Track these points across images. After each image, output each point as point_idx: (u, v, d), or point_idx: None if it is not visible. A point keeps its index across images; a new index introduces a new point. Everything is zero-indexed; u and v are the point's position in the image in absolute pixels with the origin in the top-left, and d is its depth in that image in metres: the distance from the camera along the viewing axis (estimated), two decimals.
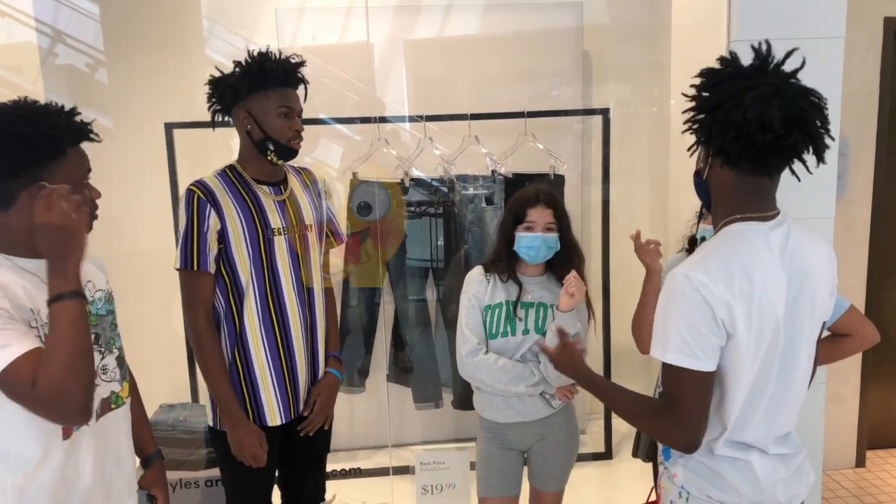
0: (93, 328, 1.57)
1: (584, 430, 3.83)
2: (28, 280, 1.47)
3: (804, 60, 1.40)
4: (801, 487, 1.54)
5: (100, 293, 1.65)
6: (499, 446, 2.25)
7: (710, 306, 1.34)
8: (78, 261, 1.41)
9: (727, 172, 1.42)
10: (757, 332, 1.38)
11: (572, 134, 3.65)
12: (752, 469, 1.45)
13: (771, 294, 1.38)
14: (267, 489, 2.18)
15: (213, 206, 1.97)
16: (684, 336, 1.35)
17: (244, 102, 1.99)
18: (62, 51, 3.34)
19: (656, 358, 1.41)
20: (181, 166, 3.19)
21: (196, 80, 3.54)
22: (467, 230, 3.35)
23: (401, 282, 3.45)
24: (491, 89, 3.62)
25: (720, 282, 1.34)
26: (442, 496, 3.03)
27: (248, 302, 2.02)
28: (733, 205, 1.44)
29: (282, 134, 1.99)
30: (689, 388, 1.37)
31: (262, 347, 2.04)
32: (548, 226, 2.14)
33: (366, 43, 3.45)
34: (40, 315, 1.44)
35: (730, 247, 1.39)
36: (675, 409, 1.39)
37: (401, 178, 3.30)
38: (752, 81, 1.34)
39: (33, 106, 1.47)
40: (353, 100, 3.45)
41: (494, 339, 2.17)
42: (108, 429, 1.60)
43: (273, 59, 1.97)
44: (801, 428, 1.56)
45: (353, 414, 3.66)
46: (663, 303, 1.40)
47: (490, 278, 2.22)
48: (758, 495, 1.46)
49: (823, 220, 2.43)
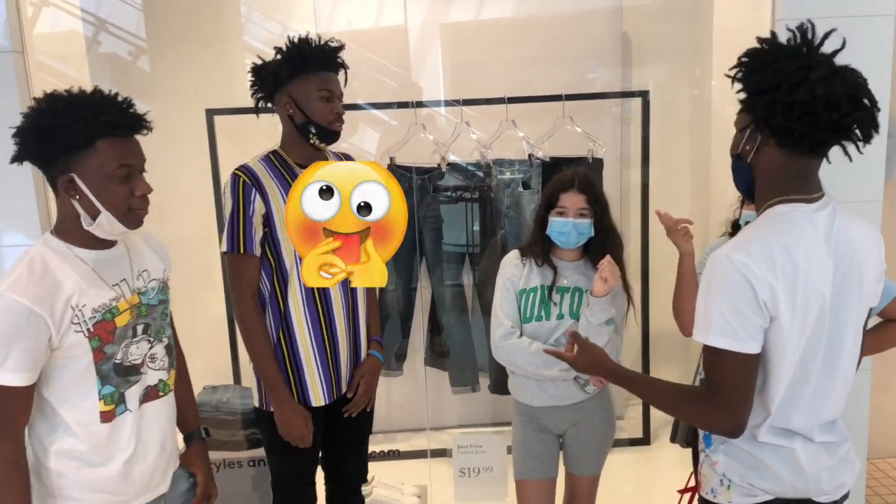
0: (143, 318, 1.62)
1: (621, 415, 3.81)
2: (81, 272, 1.52)
3: (844, 41, 1.37)
4: (847, 476, 1.51)
5: (154, 283, 1.68)
6: (535, 429, 2.25)
7: (753, 287, 1.32)
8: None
9: (777, 154, 1.39)
10: (801, 314, 1.36)
11: (611, 117, 3.60)
12: (796, 457, 1.42)
13: (815, 276, 1.36)
14: (311, 469, 2.22)
15: (258, 189, 1.99)
16: (727, 318, 1.33)
17: (285, 87, 2.01)
18: (105, 39, 3.41)
19: (698, 341, 1.39)
20: (222, 152, 3.24)
21: (235, 66, 3.61)
22: (504, 215, 3.34)
23: (437, 267, 3.46)
24: (528, 72, 3.59)
25: (762, 263, 1.32)
26: (479, 479, 3.05)
27: (293, 284, 2.05)
28: (779, 187, 1.41)
29: (323, 117, 2.01)
30: (732, 370, 1.36)
31: (306, 329, 2.07)
32: (580, 211, 2.12)
33: (402, 27, 3.45)
34: (83, 312, 1.49)
35: (772, 228, 1.37)
36: (718, 394, 1.37)
37: (437, 163, 3.30)
38: (809, 60, 1.32)
39: (69, 98, 1.49)
40: (390, 85, 3.46)
41: (529, 323, 2.17)
42: (151, 415, 1.65)
43: (312, 44, 2.00)
44: (847, 415, 1.53)
45: (390, 397, 3.70)
46: (705, 285, 1.38)
47: (526, 262, 2.21)
48: (802, 484, 1.44)
49: (871, 204, 2.36)
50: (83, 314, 1.49)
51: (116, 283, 1.58)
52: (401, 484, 3.09)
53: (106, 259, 1.58)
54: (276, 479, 2.22)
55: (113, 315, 1.54)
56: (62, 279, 1.47)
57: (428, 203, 3.37)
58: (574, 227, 2.12)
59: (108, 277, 1.56)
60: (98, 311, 1.52)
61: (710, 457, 1.53)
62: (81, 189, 1.48)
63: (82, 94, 1.50)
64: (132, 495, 1.61)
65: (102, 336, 1.52)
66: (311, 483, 2.23)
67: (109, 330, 1.54)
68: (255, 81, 2.06)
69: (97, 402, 1.54)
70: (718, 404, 1.37)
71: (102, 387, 1.54)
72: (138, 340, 1.61)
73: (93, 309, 1.51)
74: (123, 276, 1.60)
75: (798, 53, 1.34)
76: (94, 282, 1.52)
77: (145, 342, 1.62)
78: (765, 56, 1.37)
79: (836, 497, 1.50)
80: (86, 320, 1.49)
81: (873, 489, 3.41)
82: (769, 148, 1.40)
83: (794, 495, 1.45)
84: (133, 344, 1.59)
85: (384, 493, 2.99)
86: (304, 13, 3.46)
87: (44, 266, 1.47)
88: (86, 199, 1.49)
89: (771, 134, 1.38)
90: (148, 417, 1.63)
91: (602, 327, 2.07)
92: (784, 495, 1.45)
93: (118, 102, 1.53)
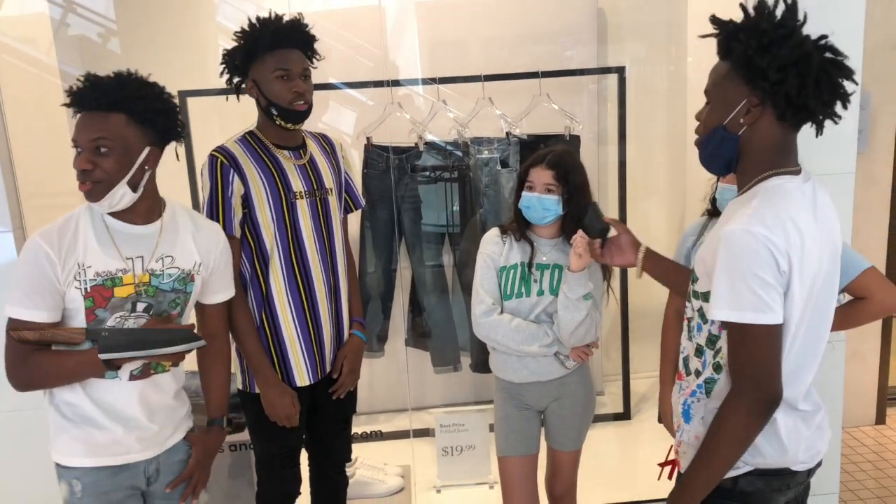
0: (147, 298, 1.69)
1: (602, 391, 3.85)
2: (100, 237, 1.65)
3: (805, 15, 1.37)
4: (822, 444, 1.54)
5: (174, 270, 1.73)
6: (515, 406, 2.27)
7: (775, 258, 1.32)
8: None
9: (776, 127, 1.40)
10: (806, 285, 1.38)
11: (587, 94, 3.60)
12: (776, 428, 1.44)
13: (812, 247, 1.38)
14: (296, 450, 2.23)
15: (236, 170, 1.98)
16: (757, 292, 1.32)
17: (250, 72, 2.00)
18: (74, 21, 3.33)
19: (723, 319, 1.37)
20: (196, 134, 3.20)
21: (208, 47, 3.54)
22: (483, 194, 3.33)
23: (417, 247, 3.45)
24: (504, 50, 3.57)
25: (780, 233, 1.33)
26: (462, 457, 3.07)
27: (274, 265, 2.04)
28: (772, 160, 1.42)
29: (282, 97, 1.98)
30: (763, 344, 1.35)
31: (288, 310, 2.07)
32: (547, 187, 2.11)
33: (378, 6, 3.41)
34: (86, 271, 1.62)
35: (777, 200, 1.37)
36: (751, 373, 1.35)
37: (414, 143, 3.29)
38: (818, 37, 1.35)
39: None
40: (366, 64, 3.42)
41: (509, 300, 2.18)
42: (143, 391, 1.72)
43: (268, 23, 1.96)
44: (822, 385, 1.56)
45: (373, 378, 3.71)
46: (725, 262, 1.36)
47: (506, 240, 2.22)
48: (780, 455, 1.46)
49: (844, 176, 2.39)
50: (85, 274, 1.62)
51: (130, 257, 1.67)
52: (384, 464, 3.10)
53: (133, 233, 1.69)
54: (260, 460, 2.22)
55: (114, 284, 1.65)
56: (82, 238, 1.63)
57: (406, 183, 3.36)
58: (539, 202, 2.11)
59: (126, 250, 1.67)
60: (100, 276, 1.63)
61: (690, 431, 1.54)
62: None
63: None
64: (115, 450, 1.71)
65: (97, 299, 1.63)
66: (295, 464, 2.24)
67: (105, 296, 1.64)
68: (224, 70, 2.05)
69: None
70: (752, 383, 1.36)
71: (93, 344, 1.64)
72: (136, 316, 1.68)
73: (96, 272, 1.63)
74: (142, 253, 1.69)
75: (797, 28, 1.35)
76: (109, 249, 1.65)
77: (144, 320, 1.69)
78: (779, 29, 1.35)
79: (812, 465, 1.53)
80: (86, 280, 1.62)
81: (848, 457, 3.49)
82: (768, 121, 1.40)
83: (774, 466, 1.47)
84: (130, 318, 1.67)
85: (367, 474, 3.01)
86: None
87: (75, 224, 1.65)
88: None
89: (776, 107, 1.37)
90: (136, 392, 1.71)
91: (580, 301, 2.08)
92: (763, 466, 1.47)
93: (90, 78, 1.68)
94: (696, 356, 1.52)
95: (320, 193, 2.10)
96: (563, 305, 2.09)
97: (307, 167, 2.10)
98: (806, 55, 1.33)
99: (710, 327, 1.46)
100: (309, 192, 2.07)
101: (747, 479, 1.47)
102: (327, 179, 2.13)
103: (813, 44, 1.34)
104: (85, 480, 1.69)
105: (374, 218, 3.39)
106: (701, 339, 1.50)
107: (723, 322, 1.41)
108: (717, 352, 1.46)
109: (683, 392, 1.55)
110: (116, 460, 1.71)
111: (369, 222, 3.41)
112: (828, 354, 1.51)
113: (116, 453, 1.71)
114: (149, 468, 1.77)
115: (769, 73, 1.35)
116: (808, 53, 1.33)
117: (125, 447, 1.72)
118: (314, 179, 2.10)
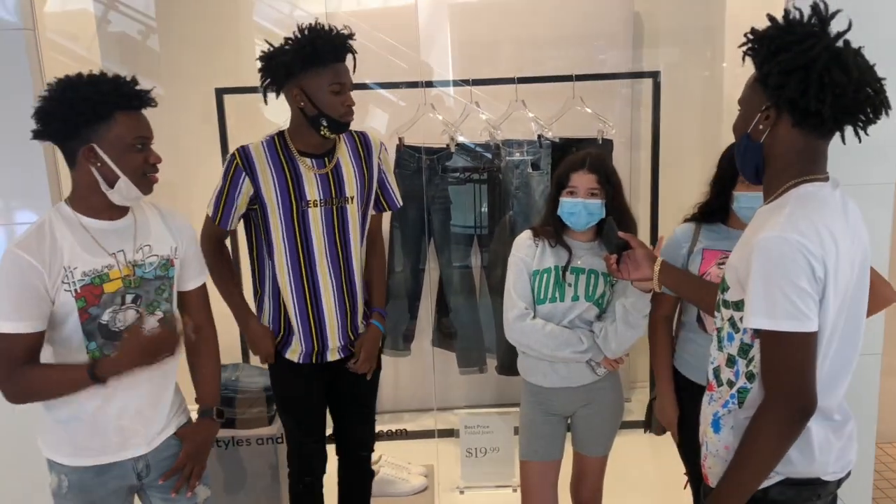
0: (134, 289, 1.73)
1: (628, 398, 3.82)
2: (80, 238, 1.66)
3: (850, 22, 1.36)
4: (852, 454, 1.53)
5: (154, 258, 1.77)
6: (542, 412, 2.26)
7: (811, 265, 1.31)
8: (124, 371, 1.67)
9: (796, 134, 1.39)
10: (839, 293, 1.36)
11: (621, 98, 3.58)
12: (809, 438, 1.42)
13: (846, 255, 1.36)
14: (315, 424, 2.32)
15: (249, 173, 2.10)
16: (793, 299, 1.31)
17: (296, 79, 2.02)
18: (115, 18, 3.40)
19: (759, 327, 1.36)
20: (232, 131, 3.24)
21: (244, 45, 3.59)
22: (513, 196, 3.33)
23: (445, 248, 3.46)
24: (537, 53, 3.56)
25: (815, 240, 1.32)
26: (486, 459, 3.07)
27: (281, 266, 2.15)
28: (797, 167, 1.41)
29: (335, 109, 2.04)
30: (799, 352, 1.34)
31: (292, 304, 2.18)
32: (591, 191, 2.10)
33: (412, 7, 3.43)
34: (73, 273, 1.64)
35: (811, 207, 1.36)
36: (786, 382, 1.34)
37: (446, 144, 3.29)
38: (829, 40, 1.32)
39: (88, 77, 1.64)
40: (399, 65, 3.44)
41: (542, 305, 2.16)
42: (140, 379, 1.74)
43: (324, 35, 2.00)
44: (856, 400, 1.53)
45: (398, 377, 3.72)
46: (760, 269, 1.34)
47: (539, 243, 2.20)
48: (811, 465, 1.44)
49: (883, 186, 2.35)
50: (73, 276, 1.64)
51: (113, 252, 1.70)
52: (408, 463, 3.12)
53: (110, 229, 1.71)
54: (286, 431, 2.40)
55: (102, 281, 1.68)
56: (62, 242, 1.64)
57: (436, 184, 3.37)
58: (584, 207, 2.10)
59: (106, 245, 1.70)
60: (87, 275, 1.66)
61: (720, 442, 1.51)
62: (102, 157, 1.63)
63: (96, 74, 1.66)
64: (99, 450, 1.73)
65: (88, 298, 1.66)
66: (319, 439, 2.33)
67: (96, 294, 1.67)
68: (264, 71, 2.06)
69: (86, 356, 1.69)
70: (787, 392, 1.34)
71: (88, 342, 1.69)
72: (125, 309, 1.72)
73: (83, 272, 1.65)
74: (122, 247, 1.72)
75: (817, 33, 1.33)
76: (91, 248, 1.67)
77: (133, 311, 1.73)
78: (787, 35, 1.35)
79: (842, 475, 1.51)
80: (74, 281, 1.64)
81: (881, 473, 3.42)
82: (785, 128, 1.40)
83: (804, 475, 1.45)
84: (121, 311, 1.71)
85: (391, 472, 3.02)
86: None
87: (50, 229, 1.64)
88: (105, 166, 1.64)
89: (791, 114, 1.37)
90: (129, 381, 1.71)
91: (644, 319, 2.07)
92: (794, 475, 1.45)
93: (128, 80, 1.68)
94: (728, 366, 1.49)
95: (338, 202, 2.15)
96: (622, 320, 2.07)
97: (329, 175, 2.14)
98: (811, 60, 1.31)
99: (742, 336, 1.44)
100: (325, 200, 2.13)
101: (778, 488, 1.45)
102: (349, 187, 2.17)
103: (824, 48, 1.32)
104: (71, 478, 1.73)
105: (404, 218, 3.40)
106: (733, 349, 1.48)
107: (756, 330, 1.39)
108: (749, 361, 1.44)
109: (715, 403, 1.53)
110: (100, 460, 1.73)
111: (399, 222, 3.43)
112: (862, 368, 1.49)
113: (102, 452, 1.73)
114: (137, 465, 1.79)
115: (770, 78, 1.36)
116: (813, 58, 1.31)
117: (111, 445, 1.74)
118: (334, 188, 2.14)
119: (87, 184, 1.66)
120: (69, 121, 1.60)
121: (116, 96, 1.63)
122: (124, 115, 1.64)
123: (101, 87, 1.62)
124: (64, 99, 1.59)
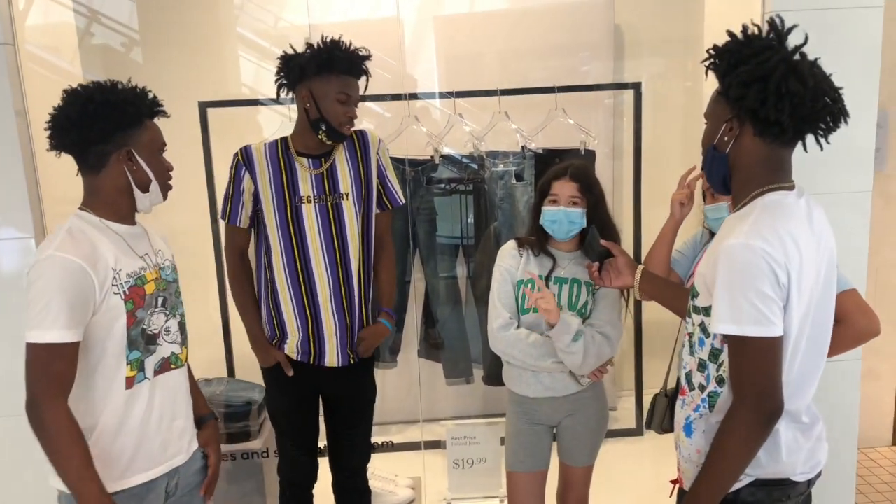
0: (161, 292, 1.72)
1: (614, 406, 3.83)
2: (113, 240, 1.63)
3: (807, 36, 1.42)
4: (822, 454, 1.56)
5: (168, 262, 1.79)
6: (527, 422, 2.27)
7: (774, 272, 1.34)
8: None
9: (759, 144, 1.43)
10: (805, 299, 1.40)
11: (603, 109, 3.61)
12: (777, 441, 1.45)
13: (809, 262, 1.40)
14: (305, 434, 2.32)
15: (248, 169, 2.18)
16: (757, 305, 1.34)
17: (308, 82, 2.11)
18: (97, 30, 3.39)
19: (724, 332, 1.39)
20: (215, 145, 3.23)
21: (228, 58, 3.59)
22: (497, 207, 3.34)
23: (431, 259, 3.47)
24: (521, 65, 3.59)
25: (778, 248, 1.35)
26: (473, 470, 3.07)
27: (277, 262, 2.19)
28: (764, 177, 1.45)
29: (336, 117, 2.12)
30: (764, 356, 1.37)
31: (290, 301, 2.21)
32: (572, 199, 2.12)
33: (396, 19, 3.44)
34: (119, 275, 1.59)
35: (775, 215, 1.39)
36: (753, 384, 1.37)
37: (430, 155, 3.30)
38: (786, 52, 1.37)
39: (112, 83, 1.66)
40: (383, 76, 3.45)
41: (526, 315, 2.17)
42: (166, 386, 1.72)
43: (343, 48, 2.11)
44: (837, 405, 1.56)
45: (384, 389, 3.69)
46: (725, 276, 1.38)
47: (523, 253, 2.22)
48: (779, 466, 1.47)
49: (860, 195, 2.38)
50: (120, 277, 1.60)
51: (142, 255, 1.70)
52: (395, 475, 3.10)
53: (133, 233, 1.71)
54: (277, 439, 2.39)
55: (143, 282, 1.66)
56: (99, 245, 1.59)
57: (421, 195, 3.37)
58: (566, 216, 2.12)
59: (137, 249, 1.69)
60: (132, 277, 1.63)
61: (691, 446, 1.54)
62: (138, 161, 1.65)
63: (117, 83, 1.68)
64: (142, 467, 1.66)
65: (135, 300, 1.63)
66: (310, 451, 2.34)
67: (141, 295, 1.64)
68: (280, 69, 2.16)
69: (125, 368, 1.62)
70: (754, 395, 1.37)
71: (130, 352, 1.63)
72: (158, 312, 1.70)
73: (127, 274, 1.62)
74: (146, 250, 1.73)
75: (775, 46, 1.38)
76: (126, 251, 1.65)
77: (162, 314, 1.71)
78: (745, 49, 1.40)
79: (812, 475, 1.55)
80: (122, 283, 1.60)
81: (863, 478, 3.45)
82: (748, 138, 1.44)
83: (773, 476, 1.48)
84: (155, 314, 1.69)
85: (378, 485, 3.01)
86: (298, 4, 3.45)
87: (82, 233, 1.59)
88: (141, 170, 1.66)
89: (753, 124, 1.41)
90: (161, 388, 1.70)
91: (572, 345, 2.07)
92: (763, 476, 1.48)
93: (145, 90, 1.72)
94: (699, 371, 1.52)
95: (332, 199, 2.20)
96: (560, 352, 2.09)
97: (323, 174, 2.20)
98: (768, 71, 1.35)
99: (712, 341, 1.47)
100: (319, 196, 2.18)
101: (749, 489, 1.49)
102: (344, 184, 2.22)
103: (780, 60, 1.36)
104: None
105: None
106: (703, 354, 1.51)
107: (724, 335, 1.42)
108: (720, 365, 1.47)
109: (687, 407, 1.56)
110: (148, 475, 1.66)
111: None
112: (843, 374, 1.51)
113: (149, 466, 1.66)
114: (171, 482, 1.73)
115: (731, 90, 1.40)
116: (770, 70, 1.35)
117: (156, 456, 1.68)
118: (327, 185, 2.20)
119: (117, 188, 1.65)
120: (109, 123, 1.60)
121: (150, 103, 1.69)
122: (150, 122, 1.70)
123: (136, 93, 1.67)
124: (106, 102, 1.60)
